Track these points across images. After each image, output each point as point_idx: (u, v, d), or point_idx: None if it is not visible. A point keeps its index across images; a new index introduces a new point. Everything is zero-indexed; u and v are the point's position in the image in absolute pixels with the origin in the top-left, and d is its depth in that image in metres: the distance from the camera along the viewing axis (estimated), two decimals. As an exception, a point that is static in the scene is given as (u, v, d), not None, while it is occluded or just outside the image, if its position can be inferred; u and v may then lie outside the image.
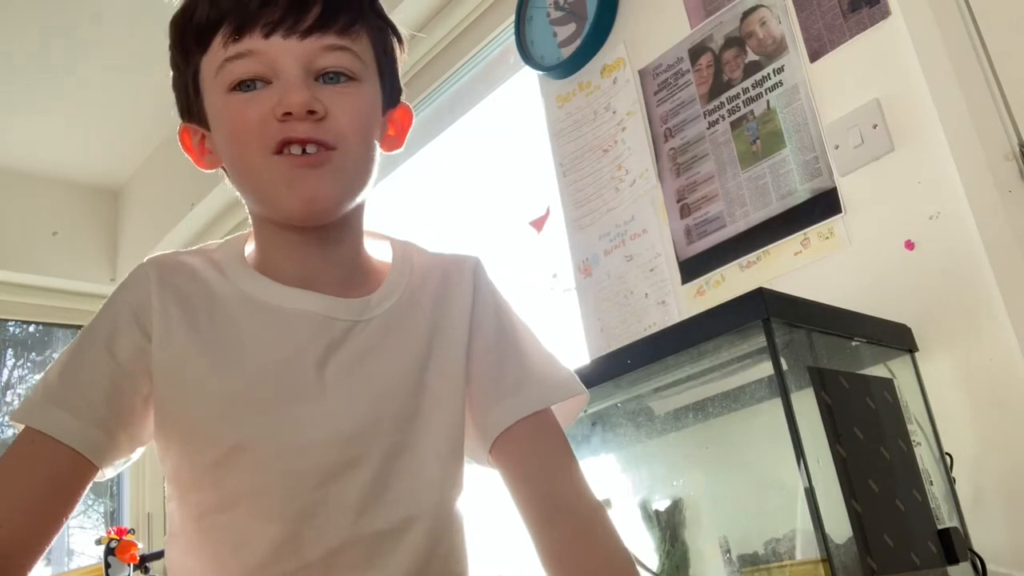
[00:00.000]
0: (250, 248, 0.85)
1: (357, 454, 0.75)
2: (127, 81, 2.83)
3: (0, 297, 3.36)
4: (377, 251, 0.89)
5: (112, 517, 3.36)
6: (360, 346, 0.79)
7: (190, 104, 0.82)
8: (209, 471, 0.75)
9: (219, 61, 0.77)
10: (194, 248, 0.85)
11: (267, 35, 0.75)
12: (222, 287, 0.80)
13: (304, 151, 0.75)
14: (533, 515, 0.79)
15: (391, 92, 0.86)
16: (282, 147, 0.75)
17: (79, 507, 0.76)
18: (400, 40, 0.87)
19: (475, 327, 0.85)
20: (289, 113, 0.74)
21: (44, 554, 0.72)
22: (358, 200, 0.82)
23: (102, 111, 3.06)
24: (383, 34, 0.84)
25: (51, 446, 0.72)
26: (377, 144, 0.83)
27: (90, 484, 0.75)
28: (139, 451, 0.79)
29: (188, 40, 0.79)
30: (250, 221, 0.85)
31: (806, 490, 1.02)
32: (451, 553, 0.80)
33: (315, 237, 0.81)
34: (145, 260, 0.82)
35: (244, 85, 0.76)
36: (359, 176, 0.80)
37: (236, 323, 0.78)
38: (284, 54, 0.75)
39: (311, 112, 0.75)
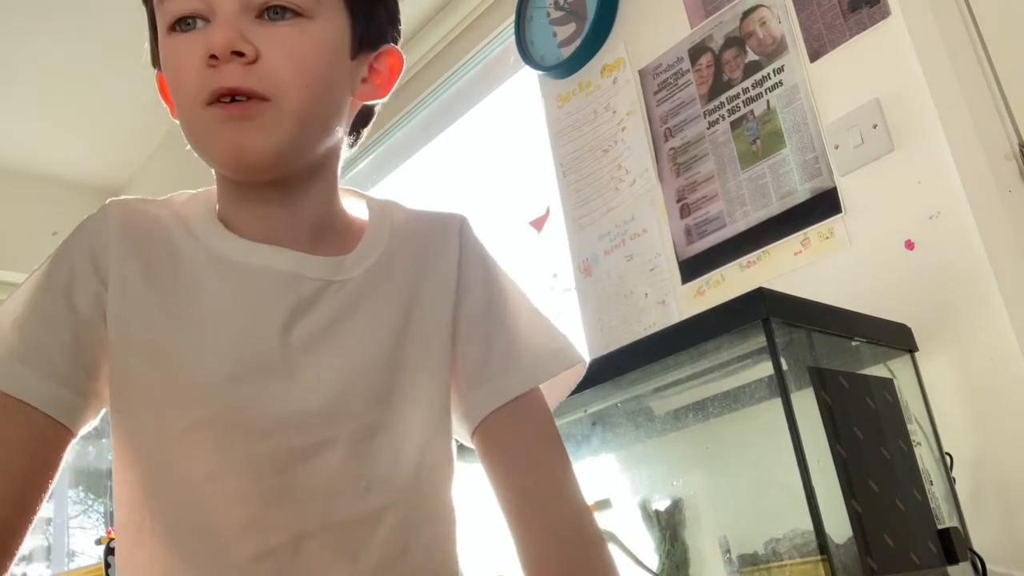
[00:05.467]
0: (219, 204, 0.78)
1: (325, 437, 0.69)
2: (127, 81, 2.83)
3: (0, 297, 3.36)
4: (355, 210, 0.81)
5: (112, 517, 3.36)
6: (331, 310, 0.72)
7: (153, 49, 0.76)
8: (166, 448, 0.69)
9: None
10: (162, 198, 0.78)
11: None
12: (186, 242, 0.73)
13: (235, 99, 0.67)
14: (509, 510, 0.74)
15: (367, 31, 0.76)
16: (216, 97, 0.68)
17: (79, 507, 0.72)
18: None
19: (461, 293, 0.78)
20: (216, 56, 0.67)
21: (32, 525, 0.67)
22: (315, 151, 0.73)
23: (102, 111, 3.06)
24: None
25: (23, 411, 0.67)
26: (343, 90, 0.74)
27: (68, 447, 0.69)
28: (103, 411, 0.73)
29: None
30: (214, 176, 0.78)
31: (806, 490, 1.02)
32: (435, 544, 0.74)
33: (275, 191, 0.74)
34: (107, 202, 0.75)
35: (183, 23, 0.69)
36: (304, 128, 0.70)
37: (198, 281, 0.72)
38: None
39: (238, 54, 0.67)
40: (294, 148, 0.71)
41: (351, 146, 0.83)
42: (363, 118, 0.82)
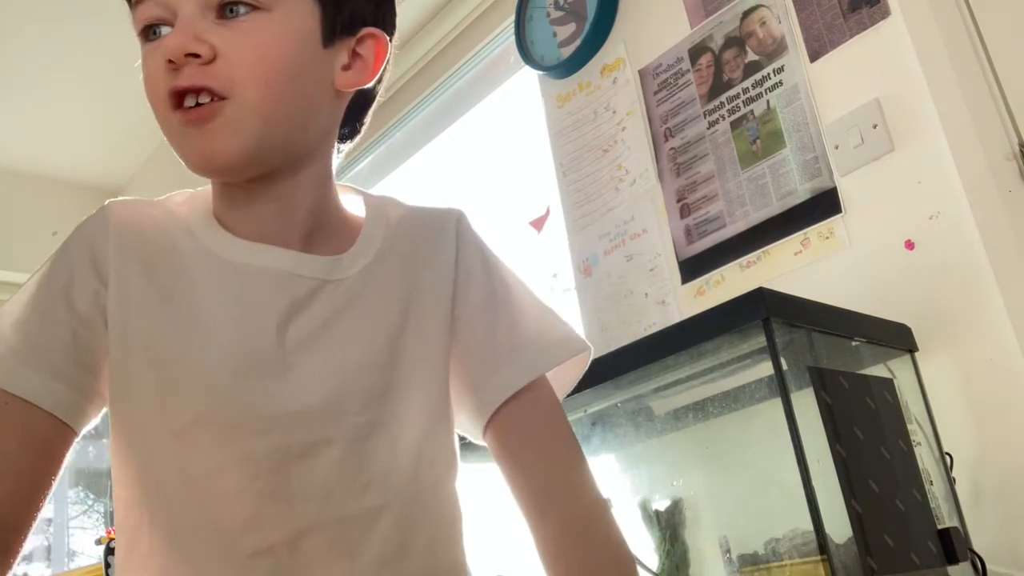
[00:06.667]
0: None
1: (322, 436, 0.69)
2: (127, 81, 2.83)
3: (0, 297, 3.36)
4: (353, 207, 0.81)
5: (112, 517, 3.36)
6: (327, 309, 0.72)
7: None
8: (166, 446, 0.69)
9: (130, 9, 0.72)
10: (160, 198, 0.78)
11: None
12: (183, 241, 0.73)
13: (198, 102, 0.68)
14: (528, 505, 0.74)
15: (340, 17, 0.73)
16: (177, 100, 0.68)
17: (79, 507, 0.72)
18: None
19: (460, 286, 0.78)
20: (173, 61, 0.67)
21: (36, 522, 0.68)
22: (293, 144, 0.73)
23: (102, 111, 3.06)
24: None
25: (24, 409, 0.67)
26: (315, 81, 0.72)
27: (70, 448, 0.70)
28: (104, 410, 0.73)
29: None
30: None
31: (806, 490, 1.02)
32: (437, 541, 0.73)
33: (262, 188, 0.73)
34: (106, 203, 0.75)
35: (150, 32, 0.70)
36: (272, 123, 0.69)
37: (196, 280, 0.72)
38: None
39: (194, 56, 0.67)
40: (264, 144, 0.70)
41: (350, 136, 0.82)
42: (359, 106, 0.80)
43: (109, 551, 2.13)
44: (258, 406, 0.69)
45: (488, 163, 2.50)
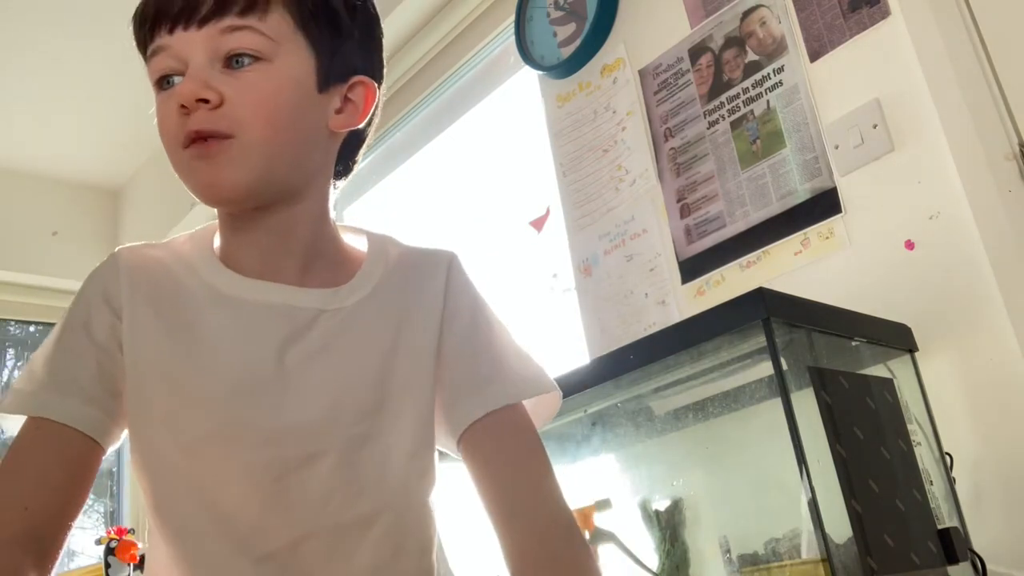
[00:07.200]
0: (218, 240, 0.85)
1: (318, 447, 0.76)
2: (127, 80, 2.83)
3: (0, 297, 3.36)
4: (354, 243, 0.89)
5: (112, 517, 3.36)
6: (324, 336, 0.79)
7: None
8: (176, 460, 0.76)
9: (146, 61, 0.80)
10: (164, 241, 0.86)
11: (171, 30, 0.77)
12: (188, 279, 0.81)
13: (206, 140, 0.76)
14: (494, 514, 0.79)
15: (333, 66, 0.81)
16: (190, 141, 0.76)
17: None
18: (345, 8, 0.82)
19: (447, 320, 0.85)
20: (184, 106, 0.75)
21: (70, 532, 0.74)
22: (291, 178, 0.80)
23: (103, 112, 3.06)
24: (307, 5, 0.79)
25: (57, 430, 0.74)
26: (311, 122, 0.80)
27: (100, 464, 0.77)
28: (126, 431, 0.81)
29: (138, 47, 0.82)
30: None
31: (806, 490, 1.02)
32: (425, 546, 0.80)
33: (263, 218, 0.80)
34: (116, 249, 0.84)
35: (164, 82, 0.78)
36: (273, 159, 0.77)
37: (200, 314, 0.79)
38: (188, 45, 0.76)
39: (204, 101, 0.75)
40: (265, 178, 0.77)
41: (344, 174, 0.90)
42: (351, 146, 0.89)
43: (109, 551, 2.13)
44: (258, 421, 0.76)
45: (488, 163, 2.50)
